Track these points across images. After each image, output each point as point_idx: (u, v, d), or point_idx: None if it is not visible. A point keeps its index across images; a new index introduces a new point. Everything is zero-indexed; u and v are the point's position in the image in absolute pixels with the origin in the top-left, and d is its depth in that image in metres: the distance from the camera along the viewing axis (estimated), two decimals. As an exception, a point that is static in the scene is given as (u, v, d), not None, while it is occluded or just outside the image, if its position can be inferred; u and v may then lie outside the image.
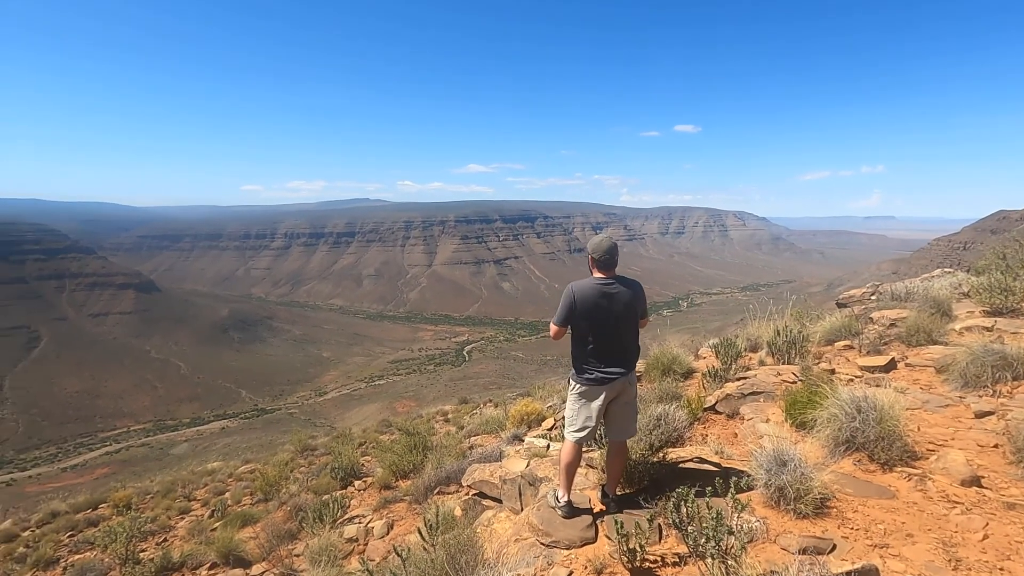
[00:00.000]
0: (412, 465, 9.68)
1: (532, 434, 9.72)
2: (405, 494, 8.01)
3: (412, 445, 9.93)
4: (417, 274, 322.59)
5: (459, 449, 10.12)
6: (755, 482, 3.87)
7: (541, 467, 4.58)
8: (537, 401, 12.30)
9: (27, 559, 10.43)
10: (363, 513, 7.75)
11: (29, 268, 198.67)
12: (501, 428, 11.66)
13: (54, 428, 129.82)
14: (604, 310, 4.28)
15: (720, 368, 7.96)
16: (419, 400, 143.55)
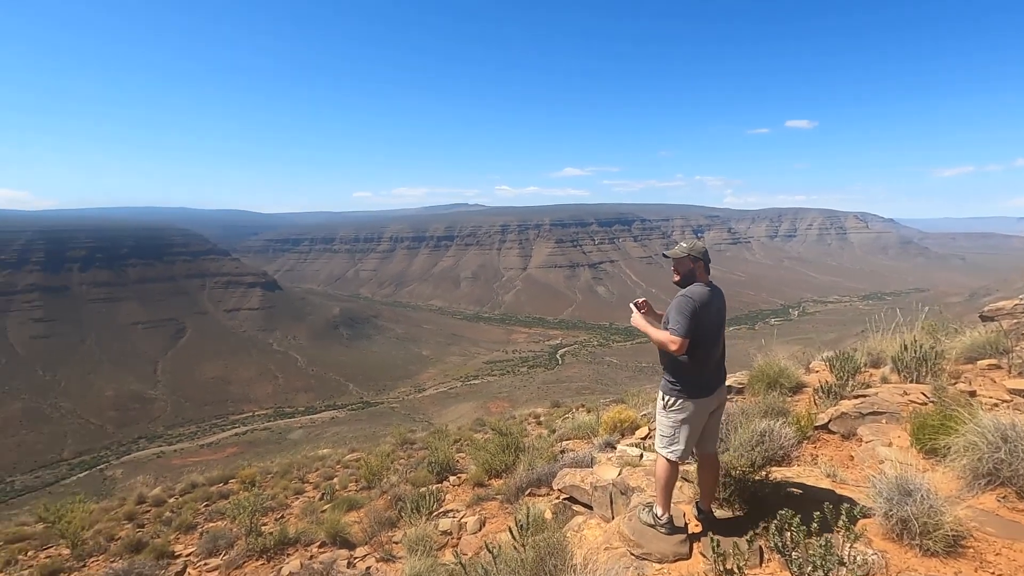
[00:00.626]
0: (504, 465, 9.86)
1: (625, 442, 9.52)
2: (497, 493, 8.18)
3: (505, 445, 10.11)
4: (512, 277, 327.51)
5: (550, 452, 10.16)
6: (873, 511, 3.49)
7: (633, 476, 4.48)
8: (631, 408, 12.03)
9: (171, 523, 11.94)
10: (457, 508, 8.02)
11: (178, 268, 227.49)
12: (593, 434, 11.54)
13: (195, 409, 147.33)
14: (716, 318, 4.08)
15: (835, 384, 7.33)
16: (512, 401, 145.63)
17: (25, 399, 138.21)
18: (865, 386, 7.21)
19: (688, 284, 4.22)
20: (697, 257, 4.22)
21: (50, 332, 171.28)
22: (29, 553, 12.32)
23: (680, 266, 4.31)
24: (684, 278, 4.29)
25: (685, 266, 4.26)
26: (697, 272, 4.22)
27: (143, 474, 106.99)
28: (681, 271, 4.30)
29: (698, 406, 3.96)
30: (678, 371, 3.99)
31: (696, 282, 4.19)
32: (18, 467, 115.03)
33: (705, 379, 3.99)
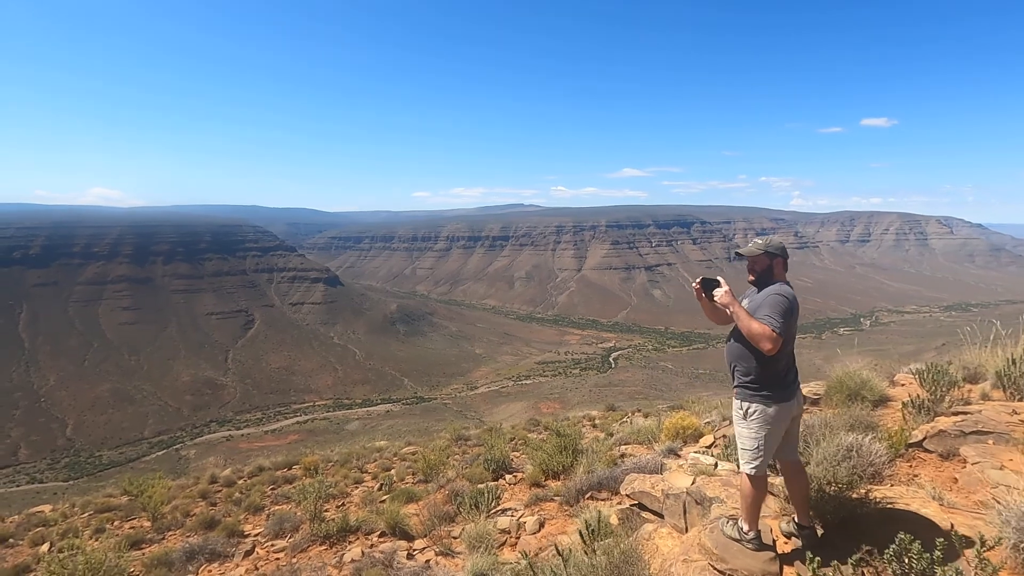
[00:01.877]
0: (562, 466, 9.72)
1: (689, 450, 9.17)
2: (555, 494, 8.04)
3: (562, 446, 9.96)
4: (566, 278, 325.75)
5: (609, 456, 9.92)
6: (999, 541, 3.12)
7: (710, 486, 4.23)
8: (693, 415, 11.60)
9: (241, 503, 12.52)
10: (515, 507, 7.94)
11: (249, 262, 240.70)
12: (653, 440, 11.21)
13: (261, 396, 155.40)
14: (797, 319, 3.74)
15: (927, 398, 6.73)
16: (563, 403, 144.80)
17: (113, 381, 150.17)
18: (964, 402, 6.59)
19: (765, 284, 3.86)
20: (775, 253, 3.84)
21: (136, 320, 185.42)
22: (115, 523, 13.28)
23: (756, 264, 3.93)
24: (760, 277, 3.92)
25: (762, 264, 3.89)
26: (776, 270, 3.86)
27: (214, 455, 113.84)
28: (757, 269, 3.93)
29: (781, 411, 3.67)
30: (761, 373, 3.64)
31: (775, 281, 3.84)
32: (106, 443, 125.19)
33: (789, 381, 3.71)
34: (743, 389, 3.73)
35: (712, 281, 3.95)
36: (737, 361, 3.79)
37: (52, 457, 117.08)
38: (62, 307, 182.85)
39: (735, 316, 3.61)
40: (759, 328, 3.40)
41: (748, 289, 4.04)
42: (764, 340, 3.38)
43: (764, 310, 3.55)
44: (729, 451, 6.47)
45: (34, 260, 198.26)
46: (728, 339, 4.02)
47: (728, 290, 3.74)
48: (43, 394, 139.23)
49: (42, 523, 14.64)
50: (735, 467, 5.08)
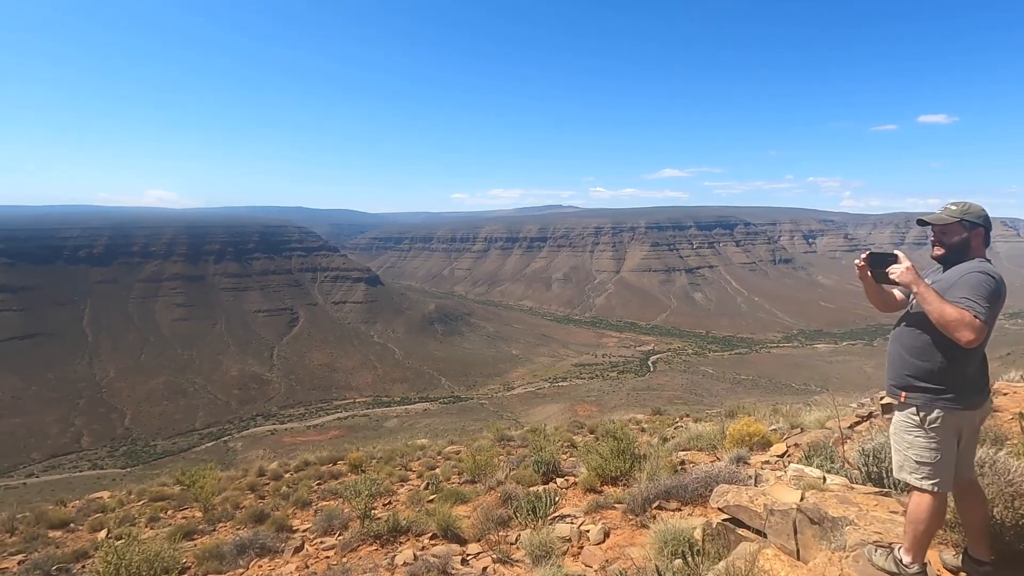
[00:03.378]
0: (619, 471, 9.24)
1: (759, 459, 8.53)
2: (616, 501, 7.57)
3: (619, 450, 9.46)
4: (604, 280, 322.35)
5: (669, 462, 9.36)
6: None
7: (828, 503, 3.66)
8: (758, 422, 10.89)
9: (289, 497, 12.51)
10: (573, 513, 7.51)
11: (294, 262, 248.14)
12: (714, 447, 10.57)
13: (304, 392, 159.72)
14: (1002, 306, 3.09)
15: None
16: (600, 406, 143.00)
17: (167, 374, 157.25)
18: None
19: (956, 260, 3.08)
20: (974, 223, 3.01)
21: (189, 316, 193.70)
22: (169, 512, 13.52)
23: (948, 235, 3.10)
24: (951, 252, 3.10)
25: (955, 234, 3.07)
26: (974, 243, 3.05)
27: (259, 448, 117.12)
28: (949, 242, 3.11)
29: (967, 419, 3.04)
30: (949, 371, 2.93)
31: (972, 257, 3.04)
32: (160, 433, 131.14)
33: (983, 382, 3.04)
34: (923, 392, 2.98)
35: (884, 256, 3.16)
36: (915, 356, 3.01)
37: (111, 445, 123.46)
38: (122, 303, 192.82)
39: (922, 299, 2.83)
40: (956, 314, 2.69)
41: (930, 267, 3.27)
42: (963, 328, 2.67)
43: (962, 291, 2.84)
44: (818, 461, 5.87)
45: (97, 259, 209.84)
46: (898, 327, 3.25)
47: (910, 267, 2.94)
48: (104, 385, 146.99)
49: (101, 509, 15.08)
50: (847, 481, 4.51)
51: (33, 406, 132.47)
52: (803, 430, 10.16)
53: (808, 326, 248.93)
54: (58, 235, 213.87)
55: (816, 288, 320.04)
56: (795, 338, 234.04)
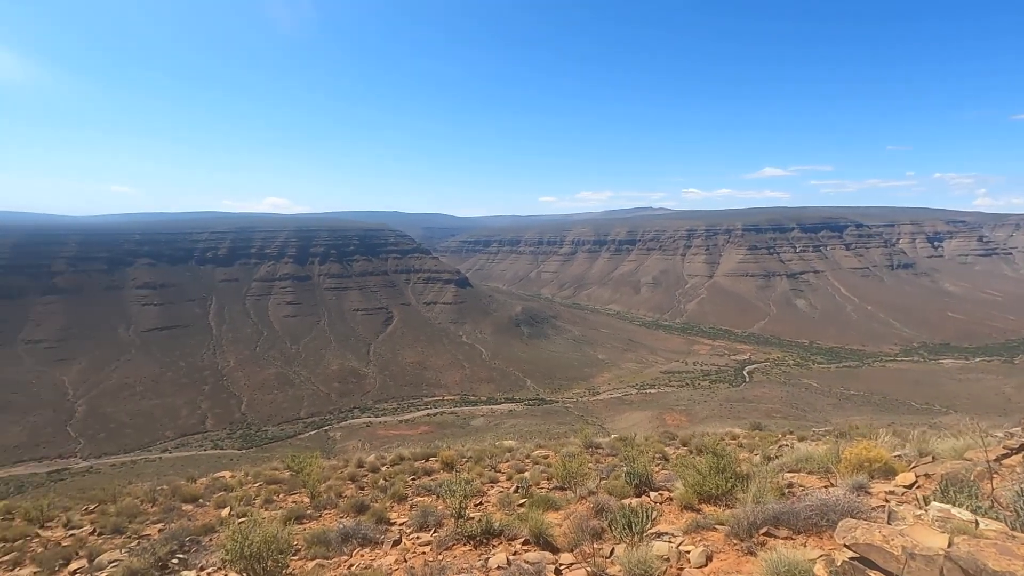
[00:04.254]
0: (719, 490, 8.76)
1: (881, 488, 7.72)
2: (718, 522, 7.18)
3: (718, 467, 8.97)
4: (696, 284, 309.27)
5: (775, 484, 8.74)
6: None
7: (987, 554, 3.05)
8: (879, 446, 9.88)
9: (387, 491, 13.12)
10: (671, 532, 7.21)
11: (389, 264, 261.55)
12: (827, 471, 9.73)
13: (397, 388, 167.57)
14: None
15: None
16: (690, 416, 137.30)
17: (278, 366, 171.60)
18: None
19: None
20: None
21: (297, 313, 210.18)
22: (280, 496, 14.68)
23: None
24: None
25: None
26: None
27: (356, 439, 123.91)
28: None
29: None
30: None
31: None
32: (270, 419, 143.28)
33: None
34: None
35: None
36: None
37: (230, 428, 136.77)
38: (241, 300, 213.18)
39: None
40: None
41: None
42: None
43: None
44: (960, 499, 5.19)
45: (221, 260, 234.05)
46: None
47: None
48: (225, 374, 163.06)
49: (224, 488, 16.68)
50: (1006, 528, 3.90)
51: (168, 389, 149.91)
52: (934, 459, 9.07)
53: (931, 339, 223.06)
54: (190, 239, 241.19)
55: (942, 296, 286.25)
56: (915, 352, 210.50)
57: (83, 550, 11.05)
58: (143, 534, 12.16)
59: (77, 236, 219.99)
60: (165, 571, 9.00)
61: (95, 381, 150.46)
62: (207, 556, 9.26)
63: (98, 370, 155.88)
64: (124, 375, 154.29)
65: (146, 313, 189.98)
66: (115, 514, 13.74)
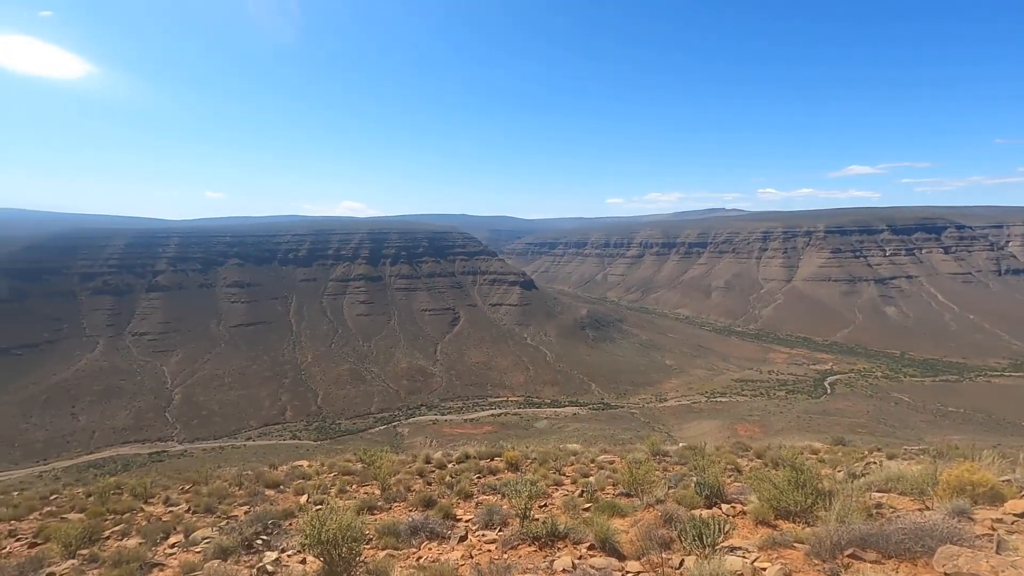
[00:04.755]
0: (797, 506, 8.30)
1: (987, 515, 7.02)
2: (797, 540, 6.81)
3: (798, 482, 8.49)
4: (773, 289, 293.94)
5: (862, 504, 8.16)
6: None
7: None
8: (984, 468, 8.99)
9: (453, 487, 13.40)
10: (745, 547, 6.91)
11: (457, 265, 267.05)
12: (922, 492, 8.96)
13: (463, 387, 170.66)
14: None
15: None
16: (764, 427, 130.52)
17: (351, 362, 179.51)
18: None
19: None
20: None
21: (369, 312, 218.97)
22: (353, 486, 15.33)
23: None
24: None
25: None
26: None
27: (422, 436, 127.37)
28: None
29: None
30: None
31: None
32: (343, 413, 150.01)
33: None
34: None
35: None
36: None
37: (307, 420, 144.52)
38: (318, 299, 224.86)
39: None
40: None
41: None
42: None
43: None
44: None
45: (301, 260, 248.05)
46: None
47: None
48: (303, 368, 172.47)
49: (302, 476, 17.65)
50: None
51: (253, 381, 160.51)
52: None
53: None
54: (273, 241, 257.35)
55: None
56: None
57: (180, 526, 12.06)
58: (231, 515, 13.09)
59: (176, 238, 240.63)
60: (250, 550, 9.64)
61: (190, 371, 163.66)
62: (287, 539, 9.84)
63: (192, 361, 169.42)
64: (215, 367, 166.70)
65: (234, 310, 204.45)
66: (207, 495, 14.89)
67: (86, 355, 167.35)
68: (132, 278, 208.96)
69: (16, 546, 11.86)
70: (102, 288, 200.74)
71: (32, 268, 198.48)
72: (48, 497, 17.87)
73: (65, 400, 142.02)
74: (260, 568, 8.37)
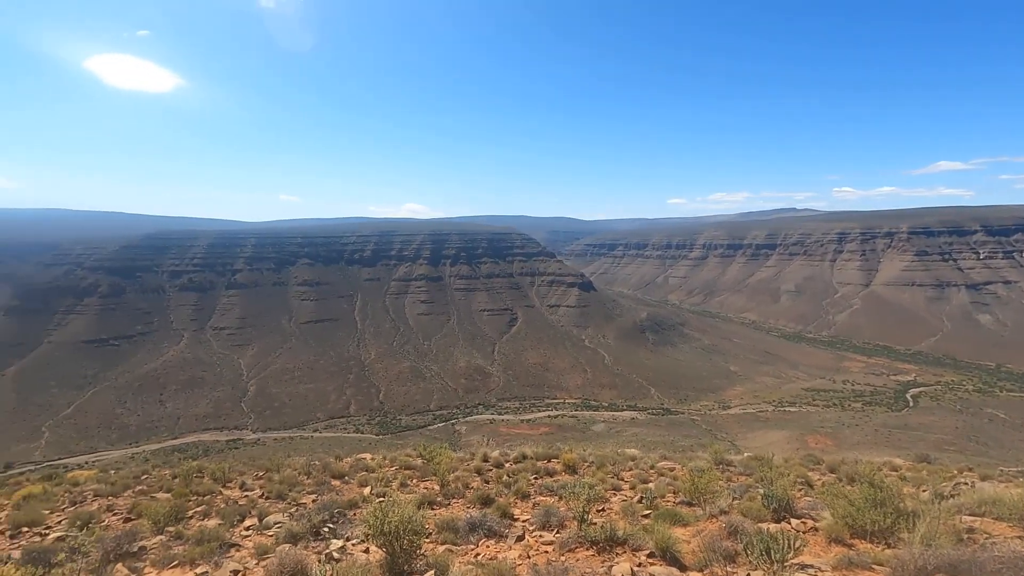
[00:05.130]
0: (876, 525, 7.79)
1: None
2: (875, 562, 6.39)
3: (877, 500, 7.97)
4: (849, 294, 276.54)
5: (951, 527, 7.56)
6: None
7: None
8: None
9: (510, 487, 13.48)
10: (817, 565, 6.56)
11: (515, 266, 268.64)
12: (1022, 519, 8.18)
13: (519, 388, 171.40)
14: None
15: None
16: (837, 440, 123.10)
17: (412, 360, 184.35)
18: None
19: None
20: None
21: (429, 311, 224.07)
22: (414, 481, 15.73)
23: None
24: None
25: None
26: None
27: (479, 434, 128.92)
28: None
29: None
30: None
31: None
32: (404, 409, 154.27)
33: None
34: None
35: None
36: None
37: (369, 414, 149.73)
38: (381, 298, 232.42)
39: None
40: None
41: None
42: None
43: None
44: None
45: (366, 260, 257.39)
46: None
47: None
48: (367, 365, 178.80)
49: (365, 468, 18.29)
50: None
51: (320, 376, 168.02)
52: None
53: None
54: (340, 242, 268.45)
55: None
56: None
57: (254, 510, 12.79)
58: (300, 502, 13.76)
59: (253, 239, 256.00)
60: (318, 537, 10.10)
61: (263, 365, 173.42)
62: (352, 528, 10.24)
63: (266, 355, 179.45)
64: (286, 361, 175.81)
65: (304, 307, 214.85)
66: (279, 482, 15.71)
67: (173, 347, 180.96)
68: (214, 276, 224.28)
69: (113, 520, 12.98)
70: (187, 285, 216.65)
71: (127, 266, 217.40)
72: (139, 477, 19.41)
73: (154, 388, 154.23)
74: (327, 554, 8.75)
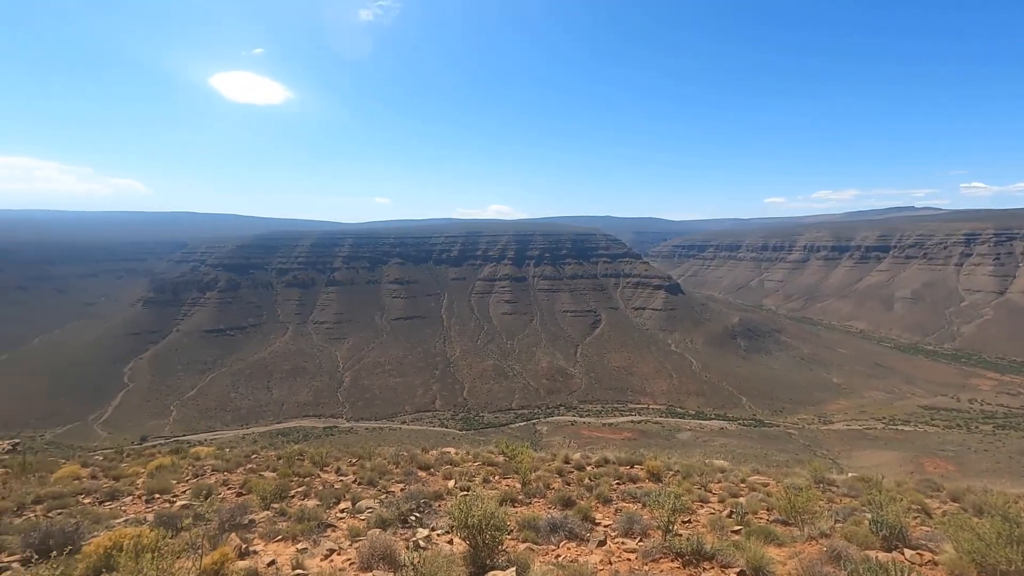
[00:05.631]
0: (1010, 564, 6.90)
1: None
2: (1009, 606, 5.65)
3: (1012, 537, 7.07)
4: (978, 302, 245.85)
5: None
6: None
7: None
8: None
9: (592, 490, 13.35)
10: (936, 603, 5.91)
11: (599, 267, 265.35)
12: None
13: (602, 390, 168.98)
14: None
15: None
16: (960, 465, 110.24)
17: (495, 359, 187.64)
18: None
19: None
20: None
21: (512, 311, 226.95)
22: (496, 477, 16.01)
23: None
24: None
25: None
26: None
27: (560, 436, 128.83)
28: None
29: None
30: None
31: None
32: (486, 407, 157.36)
33: None
34: None
35: None
36: None
37: (454, 410, 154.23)
38: (466, 297, 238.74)
39: None
40: None
41: None
42: None
43: None
44: None
45: (453, 260, 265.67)
46: None
47: None
48: (452, 362, 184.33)
49: (449, 462, 18.85)
50: None
51: (409, 370, 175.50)
52: None
53: None
54: (429, 242, 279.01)
55: None
56: None
57: (348, 494, 13.62)
58: (389, 490, 14.46)
59: (350, 239, 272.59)
60: (405, 525, 10.57)
61: (358, 358, 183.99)
62: (437, 519, 10.61)
63: (360, 349, 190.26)
64: (378, 355, 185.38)
65: (395, 304, 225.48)
66: (370, 470, 16.60)
67: (279, 338, 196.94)
68: (315, 273, 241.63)
69: (228, 493, 14.36)
70: (292, 282, 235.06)
71: (242, 264, 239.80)
72: (250, 456, 21.30)
73: (263, 376, 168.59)
74: (413, 542, 9.13)
